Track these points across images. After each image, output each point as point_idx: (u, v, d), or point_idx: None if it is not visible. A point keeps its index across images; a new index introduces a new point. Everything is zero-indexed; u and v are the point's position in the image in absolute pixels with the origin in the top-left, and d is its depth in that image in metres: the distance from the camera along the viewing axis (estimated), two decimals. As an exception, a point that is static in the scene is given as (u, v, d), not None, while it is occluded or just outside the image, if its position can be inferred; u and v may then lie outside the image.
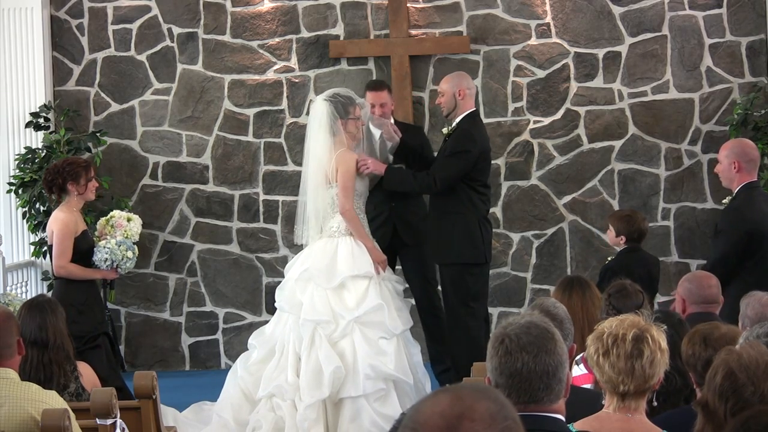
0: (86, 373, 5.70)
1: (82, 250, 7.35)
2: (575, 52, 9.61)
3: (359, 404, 6.98)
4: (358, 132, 7.50)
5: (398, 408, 6.94)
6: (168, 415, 7.30)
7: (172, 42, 9.92)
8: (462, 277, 7.73)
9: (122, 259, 7.36)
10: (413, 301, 8.51)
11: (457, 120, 7.84)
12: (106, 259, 7.33)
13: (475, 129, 7.82)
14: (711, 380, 3.38)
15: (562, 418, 3.21)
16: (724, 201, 8.65)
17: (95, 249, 7.38)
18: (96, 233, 7.64)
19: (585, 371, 4.72)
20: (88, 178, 7.39)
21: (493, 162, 9.63)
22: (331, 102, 7.41)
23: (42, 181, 7.59)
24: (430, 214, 7.95)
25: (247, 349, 7.54)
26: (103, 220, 7.66)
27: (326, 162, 7.37)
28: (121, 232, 7.48)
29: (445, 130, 8.00)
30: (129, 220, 7.57)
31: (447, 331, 7.97)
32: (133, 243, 7.52)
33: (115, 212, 7.69)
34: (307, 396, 6.95)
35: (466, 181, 7.73)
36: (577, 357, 4.80)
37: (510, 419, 2.12)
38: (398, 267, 8.37)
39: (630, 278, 5.60)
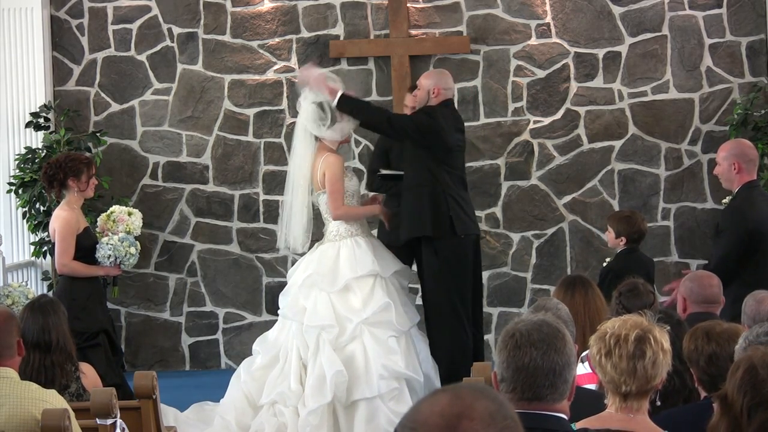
0: (89, 374, 5.68)
1: (85, 247, 7.37)
2: (575, 52, 9.61)
3: (374, 405, 6.96)
4: (344, 141, 7.50)
5: None
6: (168, 415, 7.30)
7: (172, 42, 9.92)
8: (437, 259, 7.49)
9: (125, 255, 7.39)
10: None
11: None
12: (109, 255, 7.35)
13: (441, 109, 7.54)
14: (732, 374, 3.45)
15: (566, 417, 3.22)
16: (724, 201, 8.66)
17: (98, 246, 7.40)
18: (97, 229, 7.65)
19: (589, 370, 4.71)
20: (90, 175, 7.40)
21: (493, 162, 9.63)
22: (318, 107, 7.36)
23: (42, 175, 7.57)
24: (402, 193, 7.75)
25: (248, 350, 7.53)
26: (104, 215, 7.67)
27: (313, 167, 7.32)
28: (123, 227, 7.50)
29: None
30: (130, 214, 7.60)
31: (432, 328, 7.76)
32: (135, 238, 7.54)
33: (115, 207, 7.71)
34: (311, 401, 6.93)
35: (433, 157, 7.46)
36: (582, 354, 4.79)
37: (509, 418, 2.12)
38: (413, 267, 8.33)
39: (632, 280, 5.60)
